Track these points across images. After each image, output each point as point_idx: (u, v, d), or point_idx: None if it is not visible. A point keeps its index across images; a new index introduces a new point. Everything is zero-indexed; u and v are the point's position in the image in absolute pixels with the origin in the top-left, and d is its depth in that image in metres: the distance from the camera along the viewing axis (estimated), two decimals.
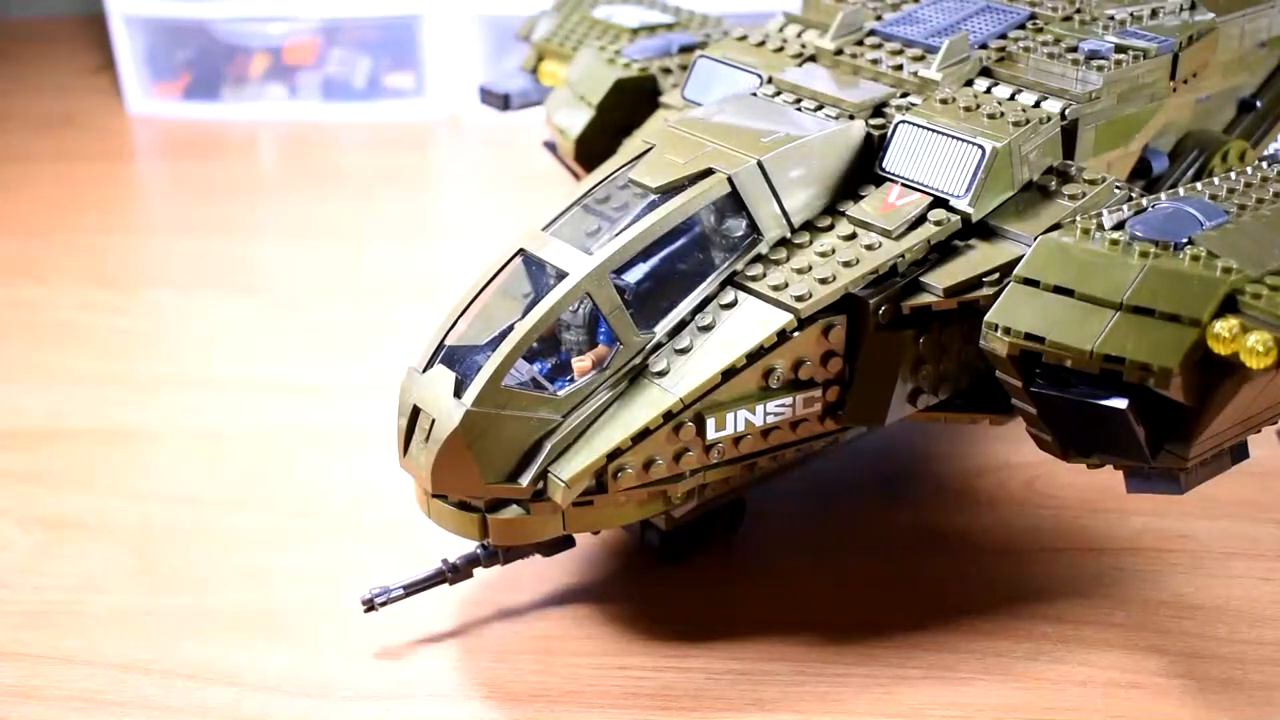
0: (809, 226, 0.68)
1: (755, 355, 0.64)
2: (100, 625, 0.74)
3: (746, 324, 0.65)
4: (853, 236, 0.67)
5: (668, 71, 0.88)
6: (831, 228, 0.68)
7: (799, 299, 0.64)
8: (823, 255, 0.66)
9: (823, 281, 0.65)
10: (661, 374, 0.63)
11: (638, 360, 0.64)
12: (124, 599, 0.76)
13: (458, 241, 1.27)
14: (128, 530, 0.82)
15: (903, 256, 0.66)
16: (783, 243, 0.67)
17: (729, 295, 0.66)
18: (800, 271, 0.66)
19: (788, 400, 0.66)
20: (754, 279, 0.66)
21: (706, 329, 0.65)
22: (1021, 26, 0.78)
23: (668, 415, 0.63)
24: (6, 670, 0.71)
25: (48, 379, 1.01)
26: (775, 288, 0.65)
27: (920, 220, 0.67)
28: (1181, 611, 0.73)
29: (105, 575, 0.78)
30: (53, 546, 0.81)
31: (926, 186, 0.68)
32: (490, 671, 0.70)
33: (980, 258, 0.66)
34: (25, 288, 1.17)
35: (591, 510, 0.65)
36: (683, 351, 0.64)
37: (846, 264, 0.65)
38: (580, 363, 0.64)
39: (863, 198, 0.69)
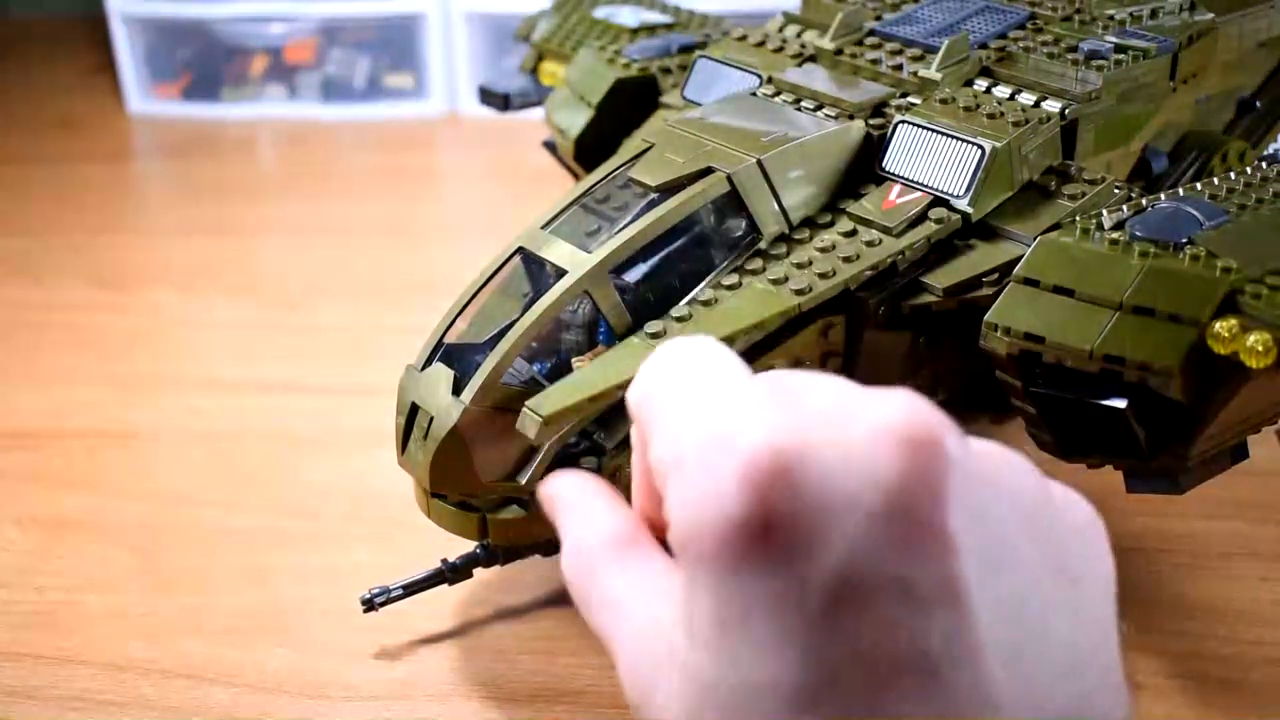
0: (809, 223, 0.68)
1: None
2: (100, 625, 0.74)
3: None
4: (853, 233, 0.67)
5: (668, 71, 0.88)
6: (832, 224, 0.68)
7: (799, 293, 0.64)
8: (823, 250, 0.66)
9: (823, 276, 0.65)
10: (657, 336, 0.62)
11: None
12: (124, 599, 0.76)
13: (457, 241, 1.27)
14: (128, 530, 0.82)
15: (903, 254, 0.66)
16: (782, 238, 0.67)
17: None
18: (800, 266, 0.66)
19: None
20: (753, 273, 0.66)
21: (707, 304, 0.64)
22: (1021, 26, 0.78)
23: None
24: (6, 670, 0.71)
25: (48, 379, 1.01)
26: (775, 281, 0.65)
27: (921, 218, 0.67)
28: (1181, 611, 0.73)
29: (105, 575, 0.78)
30: (53, 546, 0.81)
31: (926, 186, 0.68)
32: (490, 671, 0.70)
33: (980, 258, 0.66)
34: (25, 288, 1.17)
35: None
36: (681, 319, 0.63)
37: (846, 259, 0.65)
38: (580, 362, 0.64)
39: (863, 196, 0.69)
